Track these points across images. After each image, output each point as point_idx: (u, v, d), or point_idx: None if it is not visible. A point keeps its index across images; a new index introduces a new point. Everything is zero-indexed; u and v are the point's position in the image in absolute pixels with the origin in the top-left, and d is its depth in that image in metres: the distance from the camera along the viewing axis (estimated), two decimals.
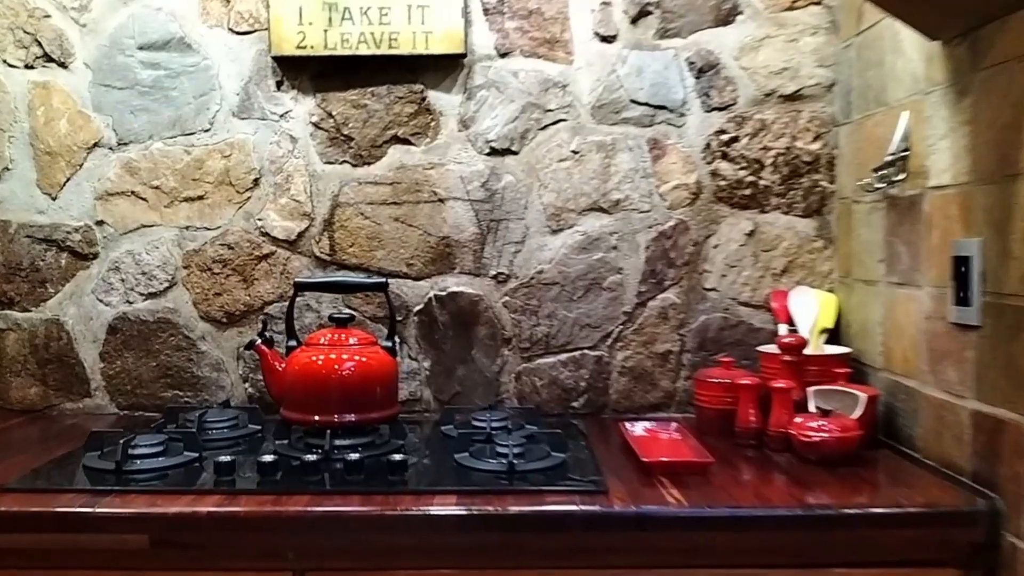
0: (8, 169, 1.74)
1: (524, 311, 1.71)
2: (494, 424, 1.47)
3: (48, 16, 1.71)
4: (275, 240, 1.73)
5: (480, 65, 1.69)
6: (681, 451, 1.39)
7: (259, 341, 1.45)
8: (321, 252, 1.72)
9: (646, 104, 1.69)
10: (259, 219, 1.72)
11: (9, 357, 1.76)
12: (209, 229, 1.73)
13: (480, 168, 1.70)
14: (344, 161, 1.72)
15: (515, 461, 1.27)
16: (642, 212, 1.70)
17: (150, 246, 1.74)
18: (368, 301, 1.71)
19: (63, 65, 1.72)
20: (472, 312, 1.71)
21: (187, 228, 1.73)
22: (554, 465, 1.29)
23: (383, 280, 1.45)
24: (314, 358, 1.40)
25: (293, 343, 1.46)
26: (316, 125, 1.71)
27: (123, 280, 1.74)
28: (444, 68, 1.69)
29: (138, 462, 1.30)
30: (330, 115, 1.71)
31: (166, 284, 1.74)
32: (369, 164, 1.72)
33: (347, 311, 1.69)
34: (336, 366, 1.39)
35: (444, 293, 1.71)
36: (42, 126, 1.73)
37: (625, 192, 1.69)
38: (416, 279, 1.71)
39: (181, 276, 1.73)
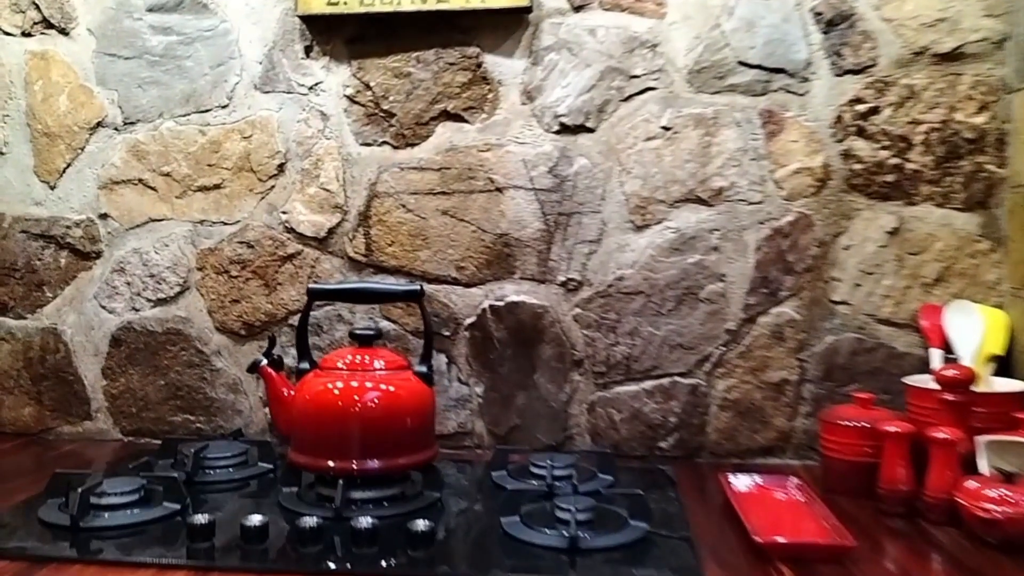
0: (2, 154, 1.50)
1: (599, 327, 1.37)
2: (557, 473, 1.15)
3: None
4: (302, 237, 1.44)
5: (549, 22, 1.37)
6: (808, 525, 1.04)
7: (264, 362, 1.16)
8: (355, 252, 1.43)
9: (759, 67, 1.33)
10: (283, 212, 1.44)
11: (1, 371, 1.52)
12: (227, 224, 1.46)
13: (547, 150, 1.38)
14: (384, 142, 1.42)
15: (579, 534, 0.94)
16: (752, 204, 1.34)
17: (159, 243, 1.48)
18: (411, 312, 1.41)
19: (64, 32, 1.47)
20: (535, 327, 1.38)
21: (201, 222, 1.46)
22: (632, 541, 0.96)
23: (415, 287, 1.14)
24: (328, 386, 1.10)
25: (305, 365, 1.16)
26: (351, 99, 1.42)
27: (129, 284, 1.49)
28: (504, 27, 1.37)
29: (104, 515, 1.03)
30: (367, 86, 1.41)
31: (177, 289, 1.47)
32: (413, 146, 1.41)
33: (381, 323, 1.39)
34: (355, 397, 1.08)
35: (501, 303, 1.39)
36: (40, 103, 1.49)
37: (730, 178, 1.34)
38: (467, 286, 1.40)
39: (195, 279, 1.47)
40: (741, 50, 1.33)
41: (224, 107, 1.45)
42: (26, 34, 1.48)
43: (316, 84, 1.43)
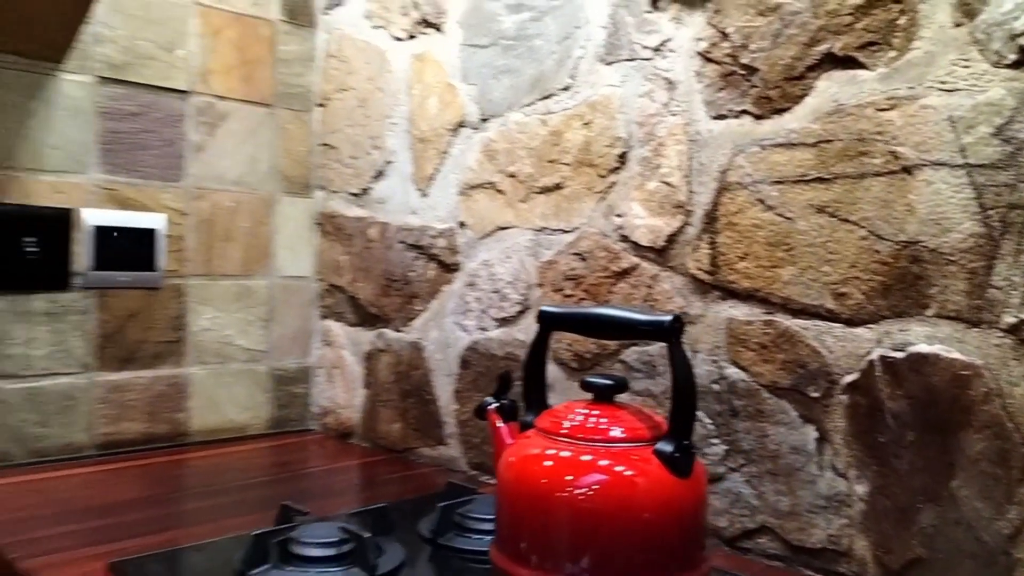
0: (390, 163, 1.48)
1: None
2: None
3: None
4: (637, 248, 1.10)
5: None
6: None
7: (492, 404, 0.87)
8: (698, 268, 1.03)
9: None
10: (618, 215, 1.12)
11: (379, 383, 1.50)
12: (565, 231, 1.19)
13: (995, 97, 0.79)
14: (742, 111, 0.99)
15: None
16: None
17: (504, 255, 1.28)
18: (778, 353, 0.96)
19: (437, 28, 1.38)
20: (956, 400, 0.81)
21: (542, 230, 1.22)
22: None
23: (663, 319, 0.71)
24: (531, 456, 0.76)
25: (529, 419, 0.83)
26: (704, 56, 1.03)
27: (478, 300, 1.32)
28: None
29: (280, 568, 0.85)
30: (724, 35, 1.01)
31: (518, 308, 1.26)
32: (781, 112, 0.96)
33: (727, 369, 0.97)
34: (566, 479, 0.72)
35: (901, 355, 0.85)
36: (417, 108, 1.42)
37: None
38: (849, 323, 0.89)
39: (534, 297, 1.24)
40: None
41: (566, 89, 1.19)
42: (412, 36, 1.44)
43: (663, 43, 1.07)
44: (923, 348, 0.84)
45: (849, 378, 0.89)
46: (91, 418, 1.38)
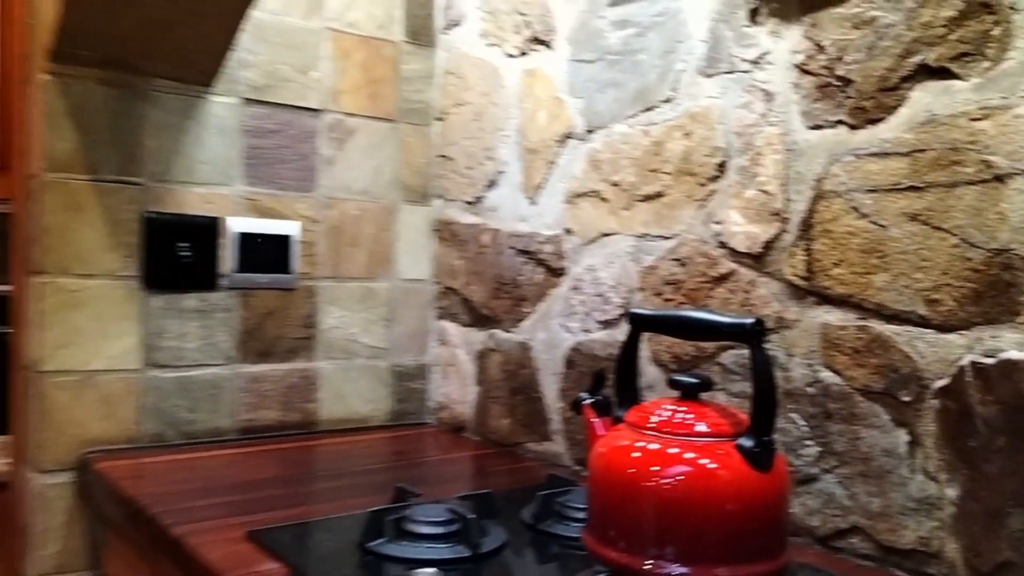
0: (501, 172, 1.57)
1: None
2: None
3: None
4: (735, 254, 1.14)
5: None
6: None
7: (587, 400, 0.93)
8: (794, 274, 1.06)
9: None
10: (717, 222, 1.16)
11: (490, 381, 1.58)
12: (665, 238, 1.24)
13: None
14: (837, 121, 1.02)
15: None
16: None
17: (607, 260, 1.34)
18: (870, 357, 0.98)
19: (547, 45, 1.46)
20: None
21: (643, 236, 1.28)
22: None
23: (745, 322, 0.75)
24: (619, 447, 0.81)
25: (620, 412, 0.88)
26: (801, 68, 1.06)
27: (583, 302, 1.39)
28: None
29: (394, 543, 0.95)
30: (820, 48, 1.04)
31: (620, 311, 1.32)
32: (875, 122, 0.98)
33: (822, 373, 0.99)
34: (652, 469, 0.78)
35: (992, 361, 0.86)
36: (527, 121, 1.50)
37: None
38: (941, 329, 0.90)
39: (636, 301, 1.29)
40: None
41: (668, 101, 1.24)
42: (523, 53, 1.52)
43: (761, 56, 1.11)
44: (1014, 355, 0.84)
45: (940, 383, 0.91)
46: (233, 405, 1.53)
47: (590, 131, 1.37)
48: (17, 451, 1.48)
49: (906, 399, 0.94)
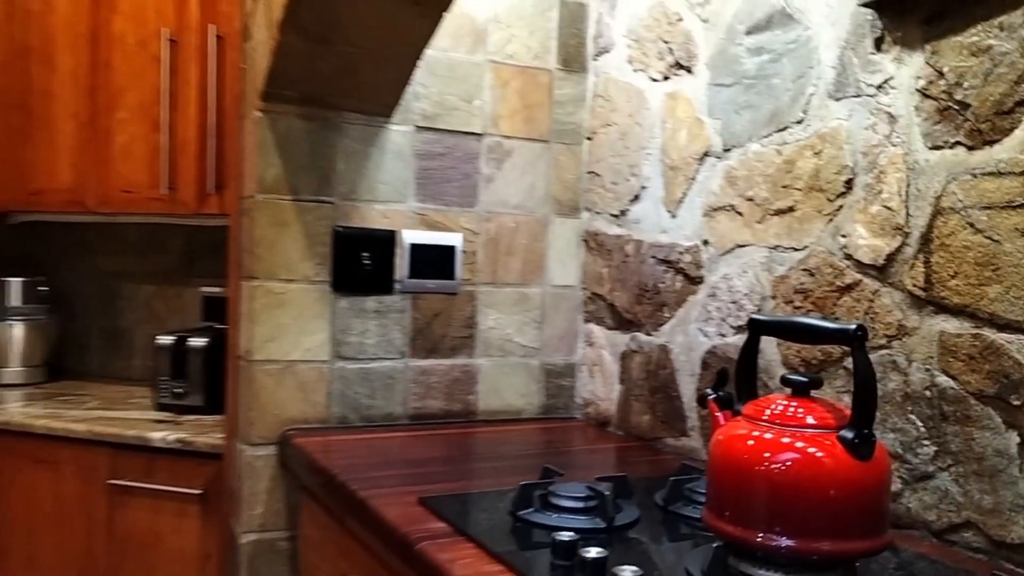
0: (645, 188, 1.70)
1: None
2: None
3: (680, 19, 1.60)
4: (860, 265, 1.22)
5: None
6: None
7: (711, 395, 1.05)
8: (914, 284, 1.13)
9: None
10: (843, 235, 1.24)
11: (632, 379, 1.71)
12: (796, 250, 1.33)
13: None
14: (956, 143, 1.09)
15: None
16: None
17: (741, 270, 1.44)
18: (982, 362, 1.04)
19: (688, 70, 1.58)
20: None
21: (775, 248, 1.37)
22: None
23: (849, 327, 0.85)
24: (736, 437, 0.93)
25: (739, 406, 1.00)
26: (923, 92, 1.13)
27: (719, 308, 1.50)
28: None
29: (541, 513, 1.11)
30: (940, 74, 1.11)
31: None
32: (991, 144, 1.04)
33: (938, 378, 1.07)
34: (764, 455, 0.89)
35: None
36: (669, 140, 1.63)
37: None
38: None
39: (768, 308, 1.39)
40: None
41: (799, 122, 1.33)
42: (666, 78, 1.64)
43: (885, 81, 1.19)
44: None
45: None
46: (405, 395, 1.75)
47: (727, 150, 1.48)
48: (230, 427, 1.76)
49: (1017, 403, 1.00)
